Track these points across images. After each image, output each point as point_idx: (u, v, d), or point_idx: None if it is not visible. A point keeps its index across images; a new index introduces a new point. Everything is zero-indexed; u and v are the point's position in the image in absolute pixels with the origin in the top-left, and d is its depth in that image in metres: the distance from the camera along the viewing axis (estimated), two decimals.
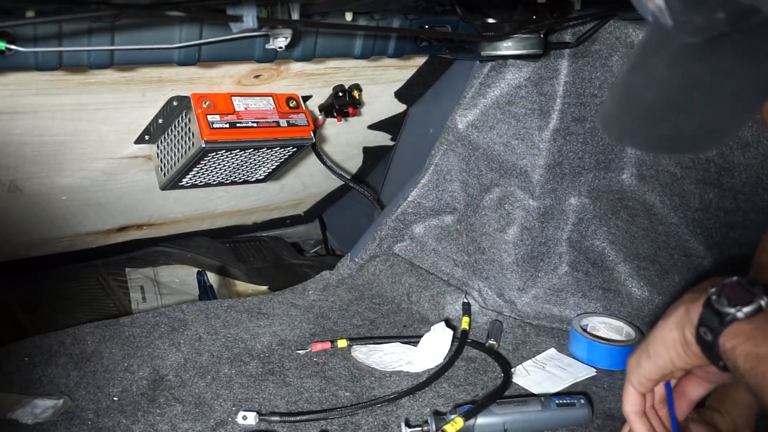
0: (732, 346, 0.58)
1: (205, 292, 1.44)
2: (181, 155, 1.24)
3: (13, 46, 0.84)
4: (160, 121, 1.25)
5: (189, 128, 1.20)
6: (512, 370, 1.11)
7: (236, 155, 1.26)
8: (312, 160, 1.53)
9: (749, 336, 0.57)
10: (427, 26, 1.21)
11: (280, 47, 1.01)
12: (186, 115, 1.21)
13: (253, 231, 1.87)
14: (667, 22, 0.42)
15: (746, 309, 0.59)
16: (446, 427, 0.91)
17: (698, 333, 0.62)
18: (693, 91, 0.45)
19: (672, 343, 0.65)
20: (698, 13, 0.41)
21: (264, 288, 1.64)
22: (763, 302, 0.59)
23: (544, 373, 1.12)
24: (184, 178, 1.29)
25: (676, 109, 0.47)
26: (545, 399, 0.98)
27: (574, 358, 1.16)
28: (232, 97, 1.23)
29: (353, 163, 1.74)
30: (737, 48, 0.42)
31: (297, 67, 1.25)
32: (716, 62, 0.43)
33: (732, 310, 0.59)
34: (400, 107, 1.58)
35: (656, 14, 0.43)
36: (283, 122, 1.27)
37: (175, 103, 1.21)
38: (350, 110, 1.40)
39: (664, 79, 0.46)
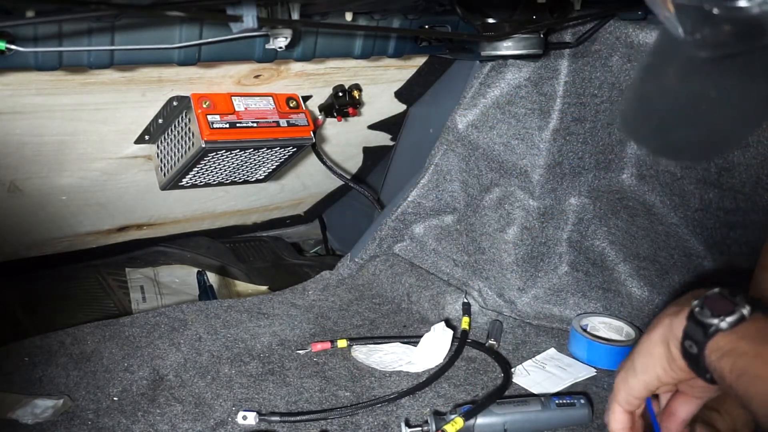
0: (717, 357, 0.58)
1: (205, 292, 1.44)
2: (181, 155, 1.24)
3: (13, 46, 0.84)
4: (160, 121, 1.25)
5: (189, 128, 1.20)
6: (512, 370, 1.11)
7: (236, 155, 1.26)
8: (312, 160, 1.53)
9: (734, 345, 0.57)
10: (427, 26, 1.21)
11: (280, 47, 1.01)
12: (186, 115, 1.21)
13: (253, 231, 1.88)
14: (679, 33, 0.42)
15: (729, 319, 0.58)
16: (446, 427, 0.91)
17: (683, 346, 0.61)
18: (700, 105, 0.46)
19: (658, 358, 0.65)
20: (706, 25, 0.41)
21: (264, 288, 1.64)
22: (745, 311, 0.59)
23: (544, 373, 1.12)
24: (184, 178, 1.29)
25: (685, 120, 0.48)
26: (545, 399, 0.98)
27: (574, 358, 1.16)
28: (232, 97, 1.23)
29: (353, 163, 1.74)
30: (742, 65, 0.42)
31: (297, 67, 1.25)
32: (722, 78, 0.43)
33: (715, 321, 0.59)
34: (400, 107, 1.58)
35: (668, 25, 0.43)
36: (283, 122, 1.27)
37: (175, 103, 1.21)
38: (350, 110, 1.40)
39: (674, 91, 0.47)
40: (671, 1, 0.41)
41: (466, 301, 1.27)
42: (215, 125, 1.19)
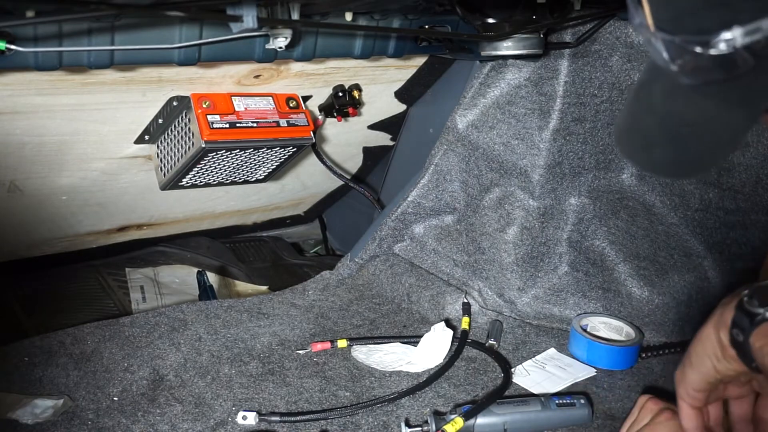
0: (760, 345, 0.59)
1: (205, 292, 1.44)
2: (181, 155, 1.24)
3: (13, 46, 0.84)
4: (160, 121, 1.25)
5: (189, 128, 1.20)
6: (512, 370, 1.11)
7: (236, 155, 1.26)
8: (312, 160, 1.53)
9: None
10: (427, 26, 1.21)
11: (280, 47, 1.01)
12: (186, 115, 1.21)
13: (253, 231, 1.88)
14: (663, 59, 0.43)
15: None
16: (446, 427, 0.91)
17: (731, 335, 0.62)
18: (681, 127, 0.48)
19: (711, 348, 0.65)
20: (687, 54, 0.42)
21: (264, 288, 1.64)
22: None
23: (544, 373, 1.12)
24: (184, 178, 1.29)
25: (668, 139, 0.50)
26: (545, 399, 0.98)
27: (574, 358, 1.16)
28: (232, 97, 1.23)
29: (353, 163, 1.74)
30: (720, 95, 0.43)
31: (297, 67, 1.25)
32: (702, 106, 0.45)
33: (761, 311, 0.60)
34: (400, 107, 1.58)
35: (652, 51, 0.43)
36: (283, 122, 1.27)
37: (175, 103, 1.21)
38: (350, 110, 1.40)
39: (660, 111, 0.48)
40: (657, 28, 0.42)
41: (466, 301, 1.27)
42: (215, 125, 1.19)
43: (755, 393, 0.72)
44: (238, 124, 1.22)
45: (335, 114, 1.41)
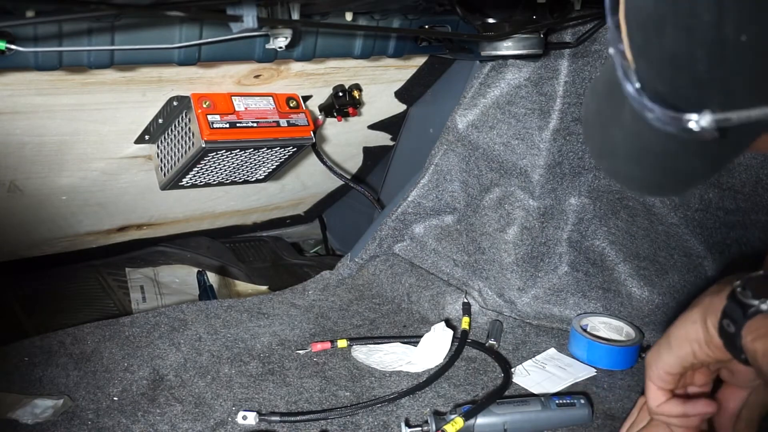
0: (753, 338, 0.58)
1: (205, 292, 1.44)
2: (181, 155, 1.24)
3: (13, 46, 0.84)
4: (160, 121, 1.25)
5: (189, 128, 1.20)
6: (512, 370, 1.11)
7: (236, 155, 1.26)
8: (312, 160, 1.53)
9: None
10: (427, 26, 1.21)
11: (280, 47, 1.01)
12: (186, 115, 1.21)
13: (253, 231, 1.88)
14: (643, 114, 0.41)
15: None
16: (446, 427, 0.91)
17: (721, 325, 0.62)
18: (643, 151, 0.46)
19: (695, 334, 0.65)
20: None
21: (264, 288, 1.64)
22: None
23: (544, 373, 1.12)
24: (184, 178, 1.29)
25: (630, 156, 0.47)
26: (545, 399, 0.98)
27: (574, 358, 1.16)
28: (232, 97, 1.23)
29: (353, 163, 1.74)
30: (683, 144, 0.42)
31: (297, 67, 1.25)
32: (665, 143, 0.43)
33: (756, 302, 0.59)
34: (400, 107, 1.58)
35: (633, 102, 0.42)
36: (283, 122, 1.27)
37: (175, 103, 1.21)
38: (350, 110, 1.40)
39: (627, 126, 0.45)
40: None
41: (466, 301, 1.27)
42: (215, 125, 1.19)
43: (712, 384, 0.72)
44: (238, 124, 1.22)
45: (335, 114, 1.41)
